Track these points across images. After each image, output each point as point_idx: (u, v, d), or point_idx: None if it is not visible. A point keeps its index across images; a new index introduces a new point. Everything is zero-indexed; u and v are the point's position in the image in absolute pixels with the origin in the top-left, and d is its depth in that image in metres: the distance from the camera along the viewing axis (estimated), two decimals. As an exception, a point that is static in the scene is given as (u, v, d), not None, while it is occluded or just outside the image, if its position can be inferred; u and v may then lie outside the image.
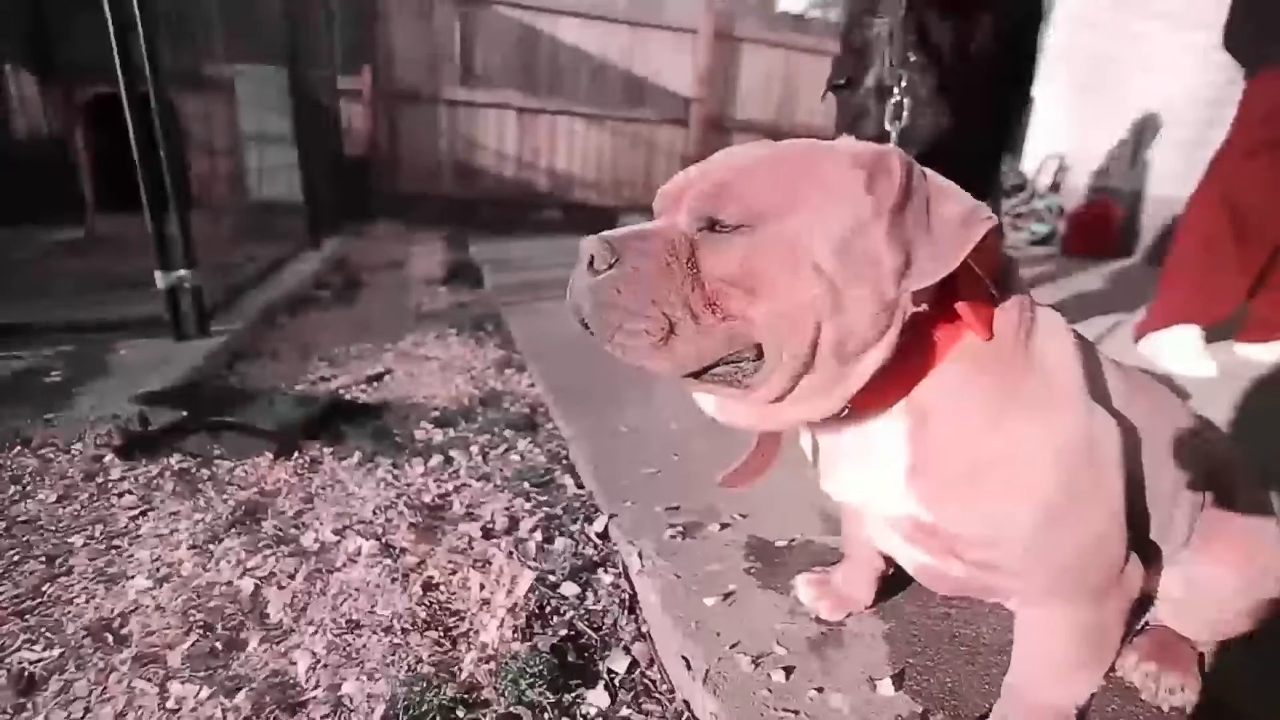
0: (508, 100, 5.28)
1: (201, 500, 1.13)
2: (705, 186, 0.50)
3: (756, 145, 0.54)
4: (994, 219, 0.46)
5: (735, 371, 0.51)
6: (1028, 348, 0.52)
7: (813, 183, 0.48)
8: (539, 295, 2.60)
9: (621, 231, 0.51)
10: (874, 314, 0.47)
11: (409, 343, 2.07)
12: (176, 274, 1.73)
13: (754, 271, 0.48)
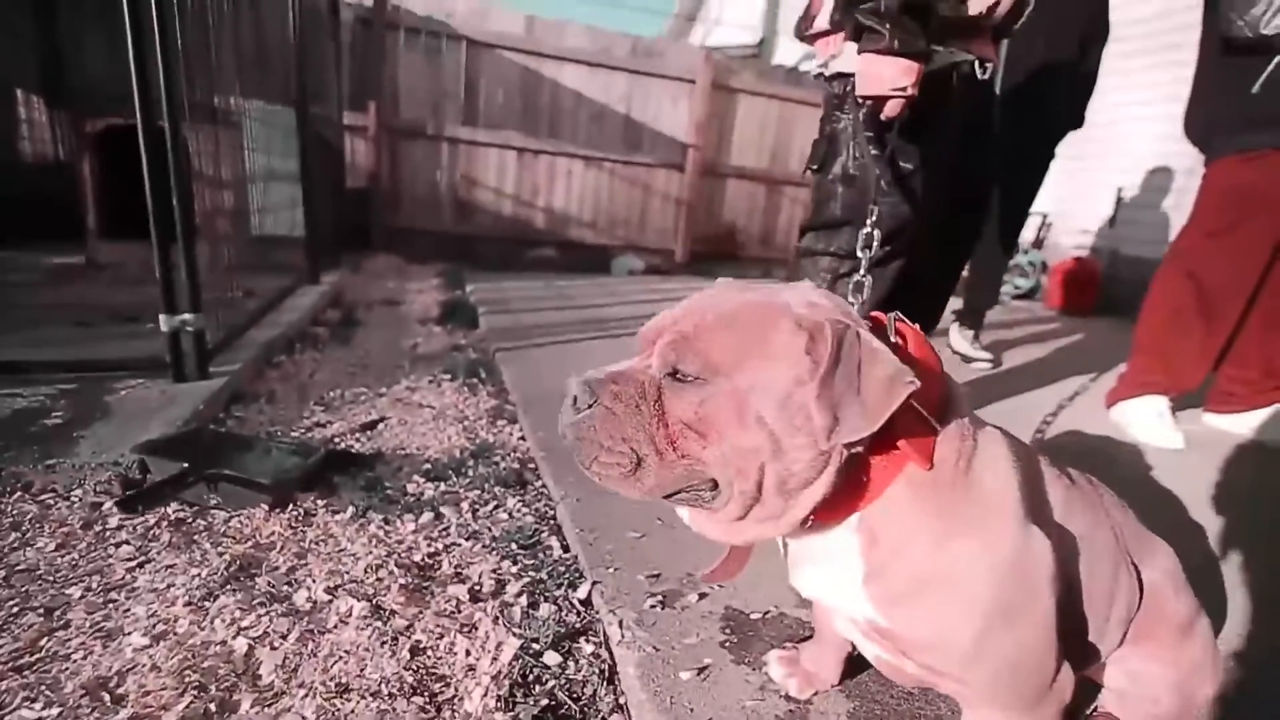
0: (509, 140, 5.42)
1: (197, 553, 1.16)
2: (671, 338, 0.56)
3: (723, 294, 0.61)
4: (915, 384, 0.52)
5: (697, 498, 0.57)
6: (968, 474, 0.58)
7: (761, 343, 0.55)
8: (532, 340, 2.67)
9: (601, 373, 0.57)
10: (811, 459, 0.54)
11: (404, 387, 2.12)
12: (180, 318, 1.78)
13: (707, 419, 0.54)
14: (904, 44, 1.06)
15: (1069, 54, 2.50)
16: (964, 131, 1.31)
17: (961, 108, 1.27)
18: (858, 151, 1.22)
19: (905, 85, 1.09)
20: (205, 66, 2.24)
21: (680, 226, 6.02)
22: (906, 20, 1.05)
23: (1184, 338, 1.99)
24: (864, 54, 1.11)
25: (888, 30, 1.06)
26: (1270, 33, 1.71)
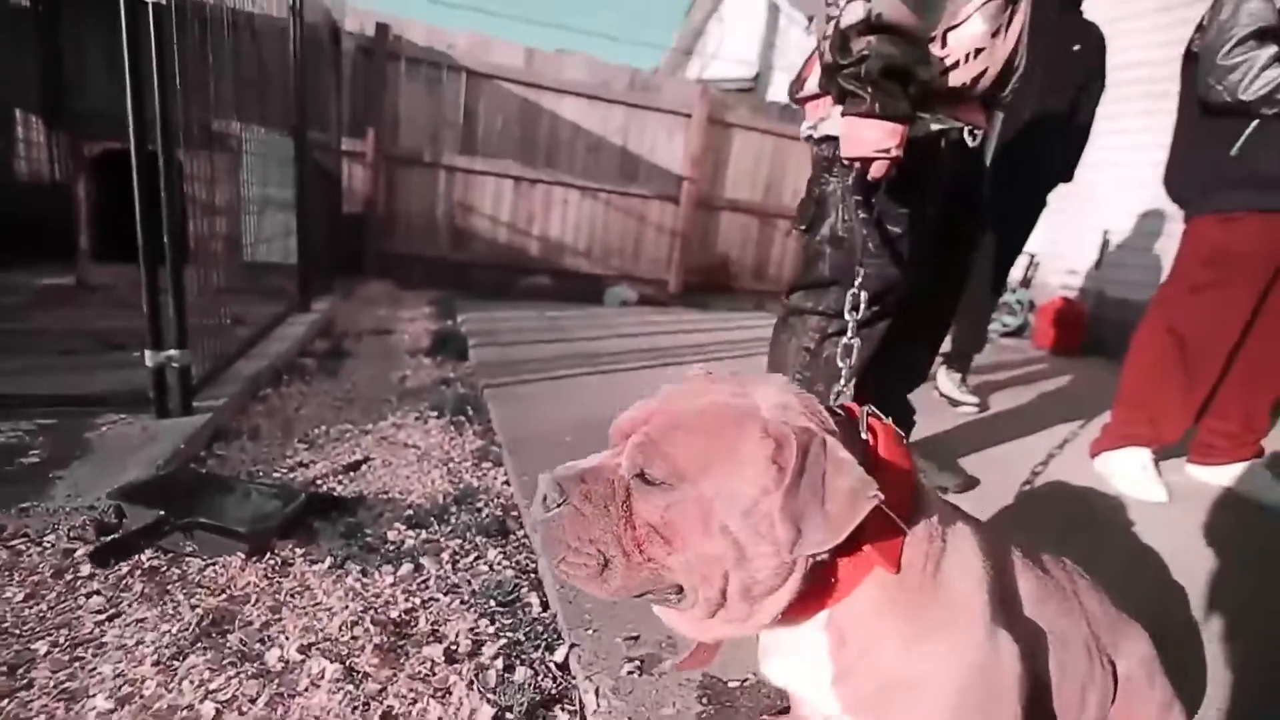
0: (506, 169, 5.48)
1: (169, 605, 1.14)
2: (640, 440, 0.57)
3: (695, 389, 0.61)
4: (879, 497, 0.52)
5: (664, 599, 0.57)
6: (935, 576, 0.58)
7: (728, 450, 0.55)
8: (521, 375, 2.66)
9: (572, 471, 0.57)
10: (776, 567, 0.54)
11: (390, 424, 2.11)
12: (166, 354, 1.77)
13: (672, 525, 0.55)
14: (885, 107, 1.08)
15: (1061, 108, 2.56)
16: (953, 196, 1.33)
17: (950, 173, 1.29)
18: (846, 214, 1.24)
19: (889, 147, 1.11)
20: (203, 92, 2.25)
21: (674, 257, 6.07)
22: (887, 84, 1.07)
23: (1166, 391, 2.01)
24: (847, 117, 1.13)
25: (869, 94, 1.09)
26: (1248, 98, 1.76)
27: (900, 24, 1.05)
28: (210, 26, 2.19)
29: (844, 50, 1.09)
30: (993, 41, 1.18)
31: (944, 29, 1.18)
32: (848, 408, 0.67)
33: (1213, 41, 1.83)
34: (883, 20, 1.05)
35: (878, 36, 1.06)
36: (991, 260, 2.72)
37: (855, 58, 1.08)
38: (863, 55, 1.07)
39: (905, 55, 1.06)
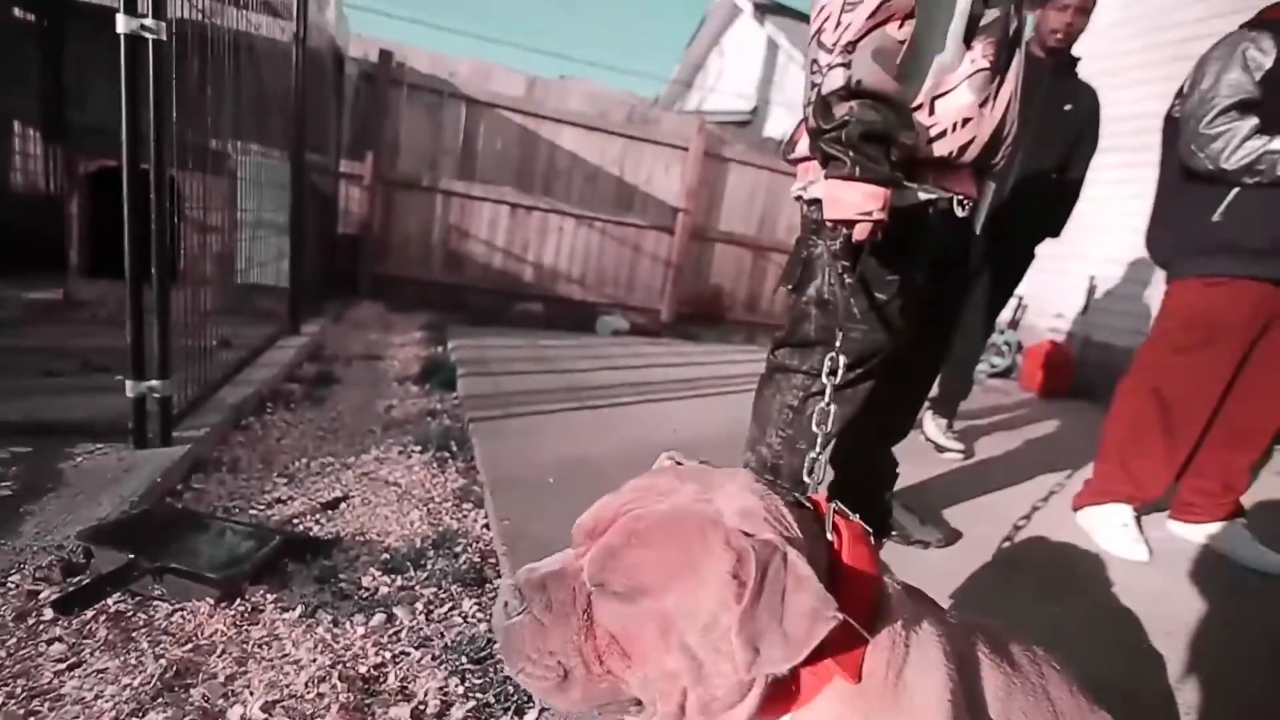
0: (503, 195, 5.52)
1: (133, 655, 1.11)
2: (601, 551, 0.56)
3: (660, 486, 0.60)
4: (837, 619, 0.51)
5: (623, 710, 0.57)
6: (897, 684, 0.58)
7: (688, 564, 0.54)
8: (509, 409, 2.66)
9: (534, 576, 0.57)
10: (734, 684, 0.53)
11: (372, 458, 2.09)
12: (147, 384, 1.76)
13: (630, 638, 0.54)
14: (866, 170, 1.10)
15: (1050, 165, 2.60)
16: (940, 264, 1.35)
17: (938, 241, 1.31)
18: (832, 277, 1.26)
19: (870, 210, 1.12)
20: (200, 117, 2.26)
21: (667, 288, 6.10)
22: (868, 148, 1.09)
23: (1148, 451, 2.03)
24: (829, 180, 1.15)
25: (850, 158, 1.10)
26: (1230, 167, 1.81)
27: (880, 90, 1.07)
28: (211, 53, 2.21)
29: (826, 115, 1.11)
30: (980, 111, 1.21)
31: (931, 97, 1.20)
32: (815, 501, 0.67)
33: (1195, 110, 1.88)
34: (863, 87, 1.07)
35: (859, 102, 1.08)
36: (980, 308, 2.75)
37: (837, 123, 1.10)
38: (844, 120, 1.09)
39: (886, 121, 1.08)
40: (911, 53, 1.14)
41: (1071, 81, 2.65)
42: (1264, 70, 1.80)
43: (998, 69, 1.20)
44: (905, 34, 1.07)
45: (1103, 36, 2.73)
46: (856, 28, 1.06)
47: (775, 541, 0.55)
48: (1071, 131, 2.62)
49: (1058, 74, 2.60)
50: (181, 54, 1.81)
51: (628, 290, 6.06)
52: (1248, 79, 1.81)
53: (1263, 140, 1.75)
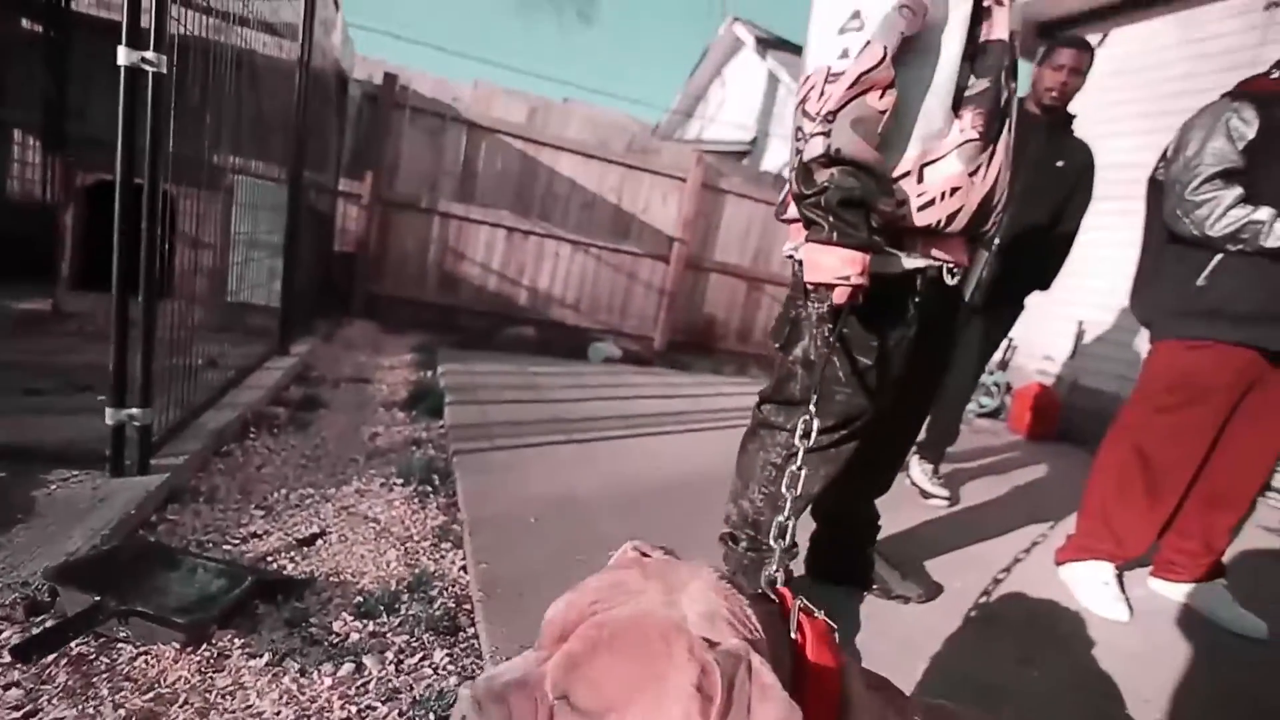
0: (500, 219, 5.55)
1: (91, 704, 1.09)
2: (565, 660, 0.55)
3: (623, 591, 0.59)
4: None
5: None
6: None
7: (652, 679, 0.53)
8: (495, 440, 2.64)
9: (494, 686, 0.56)
10: None
11: (353, 490, 2.07)
12: (128, 412, 1.74)
13: None
14: (843, 235, 1.11)
15: (1041, 220, 2.64)
16: (928, 329, 1.36)
17: (926, 306, 1.32)
18: (818, 339, 1.26)
19: (848, 275, 1.13)
20: (199, 130, 2.27)
21: (661, 316, 6.12)
22: (846, 214, 1.10)
23: (1129, 510, 2.03)
24: (809, 244, 1.17)
25: (829, 223, 1.12)
26: (1214, 234, 1.84)
27: (858, 159, 1.09)
28: (211, 72, 2.23)
29: (808, 181, 1.13)
30: (969, 180, 1.22)
31: (920, 165, 1.22)
32: (781, 594, 0.67)
33: (1180, 175, 1.91)
34: (842, 155, 1.09)
35: (839, 169, 1.10)
36: (970, 354, 2.77)
37: (817, 189, 1.12)
38: (824, 187, 1.11)
39: (864, 188, 1.10)
40: (895, 121, 1.16)
41: (1066, 139, 2.69)
42: (1246, 140, 1.84)
43: (988, 139, 1.22)
44: (885, 104, 1.09)
45: (1097, 86, 2.79)
46: (837, 98, 1.08)
47: (739, 650, 0.54)
48: (1064, 188, 2.66)
49: (1052, 131, 2.65)
50: (181, 71, 1.82)
51: (621, 317, 6.07)
52: (1231, 148, 1.85)
53: (1247, 210, 1.78)
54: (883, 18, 1.08)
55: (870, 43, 1.07)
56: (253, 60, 2.74)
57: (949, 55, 1.18)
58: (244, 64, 2.61)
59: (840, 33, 1.10)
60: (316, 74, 3.63)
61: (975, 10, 1.17)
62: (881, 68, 1.07)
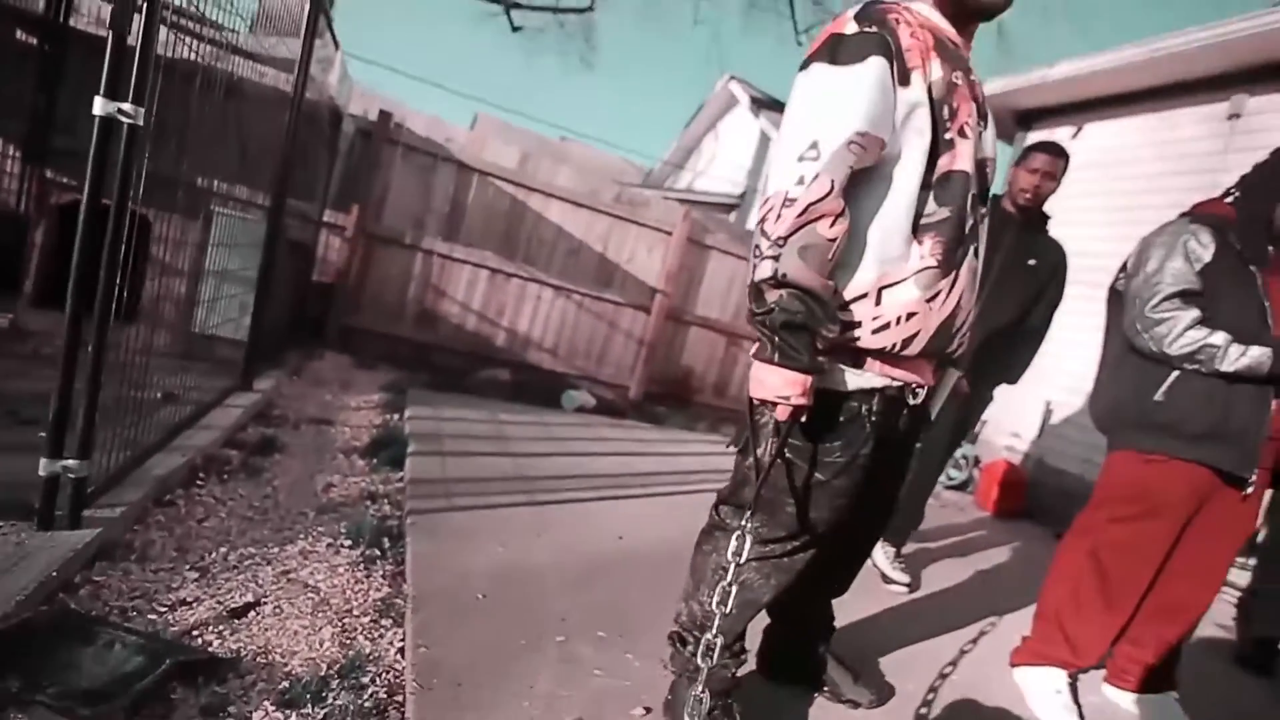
0: (484, 260, 5.56)
1: (-30, 808, 1.01)
2: None
3: None
4: None
5: None
6: None
7: None
8: (453, 499, 2.58)
9: None
10: None
11: (298, 551, 1.99)
12: (63, 463, 1.67)
13: None
14: (785, 357, 1.12)
15: (1011, 317, 2.69)
16: (891, 441, 1.36)
17: (888, 422, 1.32)
18: (774, 449, 1.26)
19: (789, 395, 1.14)
20: (179, 153, 2.25)
21: (639, 365, 6.12)
22: (791, 336, 1.11)
23: (1084, 618, 2.03)
24: (755, 359, 1.17)
25: (773, 343, 1.13)
26: (1172, 353, 1.87)
27: (804, 285, 1.11)
28: (195, 105, 2.22)
29: (758, 300, 1.15)
30: (927, 306, 1.24)
31: (878, 287, 1.24)
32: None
33: (1141, 290, 1.96)
34: (788, 280, 1.11)
35: (787, 291, 1.12)
36: (937, 443, 2.79)
37: (765, 309, 1.14)
38: (771, 308, 1.13)
39: (808, 314, 1.11)
40: (852, 244, 1.19)
41: (1039, 238, 2.77)
42: (1203, 263, 1.91)
43: (947, 267, 1.23)
44: (835, 233, 1.12)
45: (1070, 177, 2.92)
46: (787, 225, 1.10)
47: None
48: (1035, 286, 2.73)
49: (1026, 229, 2.72)
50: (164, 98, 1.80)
51: (599, 364, 6.06)
52: (1189, 270, 1.91)
53: (1204, 332, 1.83)
54: (833, 153, 1.11)
55: (819, 175, 1.10)
56: (241, 90, 2.75)
57: (907, 184, 1.21)
58: (232, 94, 2.62)
59: (799, 160, 1.13)
60: (310, 108, 3.65)
61: (935, 143, 1.21)
62: (829, 199, 1.10)
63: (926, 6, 1.30)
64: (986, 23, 1.34)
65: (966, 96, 1.25)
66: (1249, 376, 1.81)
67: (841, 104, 1.14)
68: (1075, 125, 5.52)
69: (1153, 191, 4.96)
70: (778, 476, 1.28)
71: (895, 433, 1.36)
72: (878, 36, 1.16)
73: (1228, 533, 2.01)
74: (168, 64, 1.96)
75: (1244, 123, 4.46)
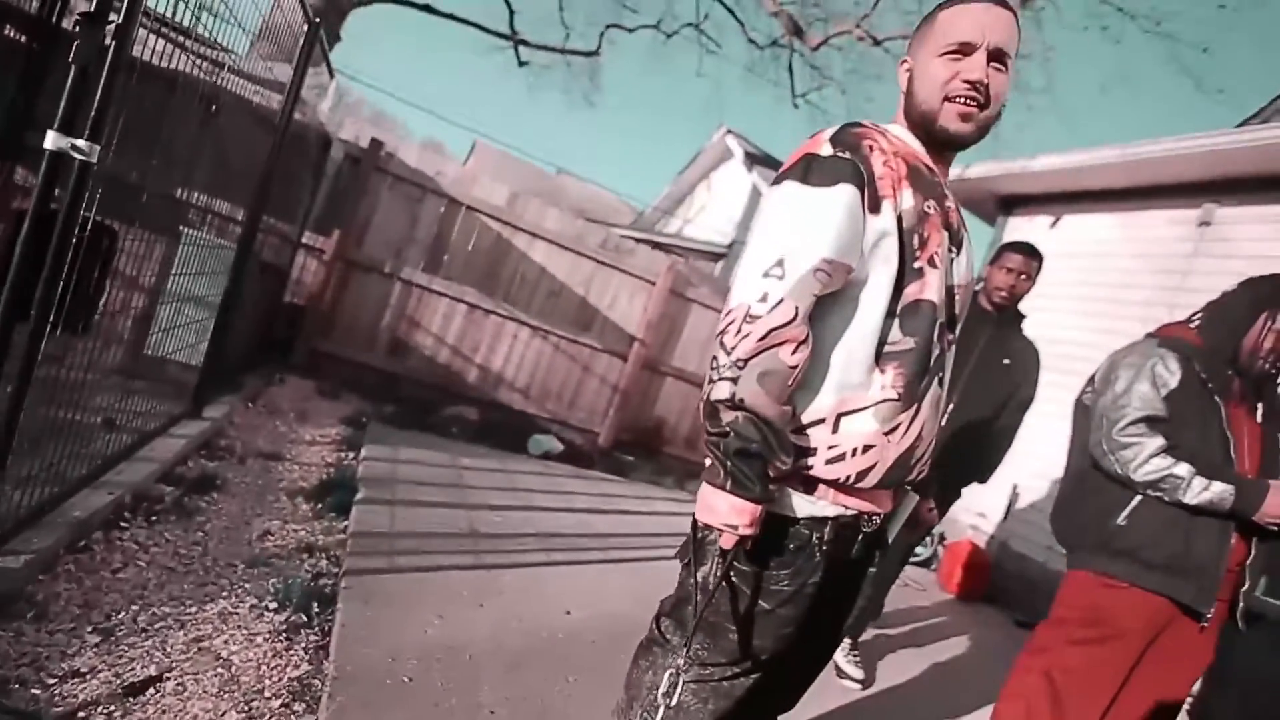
0: (463, 295, 5.50)
1: None
2: None
3: None
4: None
5: None
6: None
7: None
8: (394, 558, 2.46)
9: None
10: None
11: (216, 614, 1.87)
12: (-35, 509, 1.55)
13: None
14: (736, 485, 1.07)
15: (982, 416, 2.68)
16: (839, 570, 1.29)
17: (840, 548, 1.26)
18: (719, 570, 1.19)
19: (736, 524, 1.08)
20: (145, 166, 2.18)
21: (611, 412, 6.04)
22: (743, 464, 1.06)
23: (1036, 740, 1.96)
24: (704, 483, 1.12)
25: (725, 469, 1.07)
26: (1136, 479, 1.85)
27: (760, 412, 1.06)
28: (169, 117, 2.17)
29: (713, 419, 1.10)
30: (885, 439, 1.19)
31: (837, 414, 1.19)
32: None
33: (1108, 410, 1.94)
34: (745, 405, 1.06)
35: (743, 415, 1.07)
36: (900, 541, 2.73)
37: (719, 430, 1.08)
38: (725, 431, 1.07)
39: (764, 443, 1.06)
40: (813, 367, 1.14)
41: (1014, 337, 2.78)
42: (1169, 389, 1.90)
43: (909, 399, 1.19)
44: (797, 360, 1.08)
45: (1046, 264, 2.98)
46: (747, 348, 1.06)
47: None
48: (1007, 384, 2.73)
49: (1000, 327, 2.73)
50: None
51: (570, 408, 5.97)
52: (1155, 395, 1.90)
53: (1169, 462, 1.81)
54: (798, 278, 1.07)
55: (784, 300, 1.06)
56: (223, 106, 2.70)
57: (872, 310, 1.17)
58: (212, 109, 2.57)
59: (764, 276, 1.09)
60: (297, 131, 3.61)
61: (902, 271, 1.18)
62: (793, 325, 1.06)
63: (903, 129, 1.29)
64: (960, 152, 1.33)
65: (938, 225, 1.23)
66: (1210, 511, 1.79)
67: (810, 226, 1.11)
68: (1054, 215, 5.67)
69: (1124, 286, 5.08)
70: (721, 601, 1.21)
71: (847, 559, 1.30)
72: (850, 164, 1.13)
73: (1185, 662, 1.96)
74: (143, 69, 1.92)
75: (1213, 230, 4.60)
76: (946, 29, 1.21)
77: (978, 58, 1.18)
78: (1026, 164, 5.50)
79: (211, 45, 2.77)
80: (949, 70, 1.20)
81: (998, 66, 1.20)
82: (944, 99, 1.21)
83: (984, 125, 1.24)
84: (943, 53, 1.21)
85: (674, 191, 13.24)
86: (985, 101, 1.20)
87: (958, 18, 1.21)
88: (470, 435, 4.83)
